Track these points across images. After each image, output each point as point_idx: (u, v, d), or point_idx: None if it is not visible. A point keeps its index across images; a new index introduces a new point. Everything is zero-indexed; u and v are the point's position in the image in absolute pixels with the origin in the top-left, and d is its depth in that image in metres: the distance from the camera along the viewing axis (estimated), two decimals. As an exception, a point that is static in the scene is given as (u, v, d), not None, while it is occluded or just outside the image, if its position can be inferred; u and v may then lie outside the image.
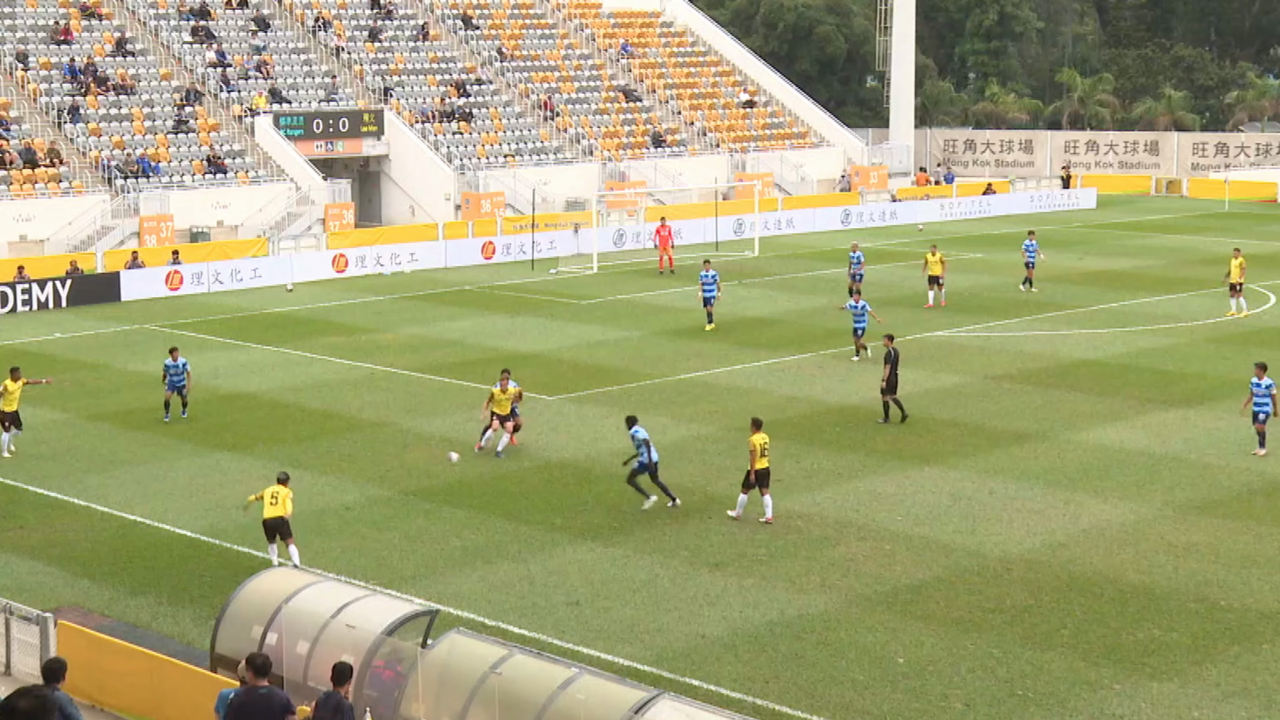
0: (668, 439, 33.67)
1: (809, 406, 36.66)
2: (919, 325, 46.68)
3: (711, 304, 46.63)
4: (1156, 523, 27.76)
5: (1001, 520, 27.98)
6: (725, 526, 27.70)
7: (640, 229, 67.69)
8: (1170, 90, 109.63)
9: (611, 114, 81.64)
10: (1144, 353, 42.60)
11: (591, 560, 26.06)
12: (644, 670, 21.34)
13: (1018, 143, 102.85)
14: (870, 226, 73.95)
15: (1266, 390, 31.74)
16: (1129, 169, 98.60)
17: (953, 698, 20.62)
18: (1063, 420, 34.96)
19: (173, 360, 35.50)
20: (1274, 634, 22.52)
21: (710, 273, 46.88)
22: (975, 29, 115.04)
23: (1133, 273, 57.78)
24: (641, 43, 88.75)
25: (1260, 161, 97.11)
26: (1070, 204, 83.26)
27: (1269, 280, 55.06)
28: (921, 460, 31.89)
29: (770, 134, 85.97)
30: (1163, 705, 20.29)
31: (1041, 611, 23.56)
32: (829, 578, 25.10)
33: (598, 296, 53.38)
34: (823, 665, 21.67)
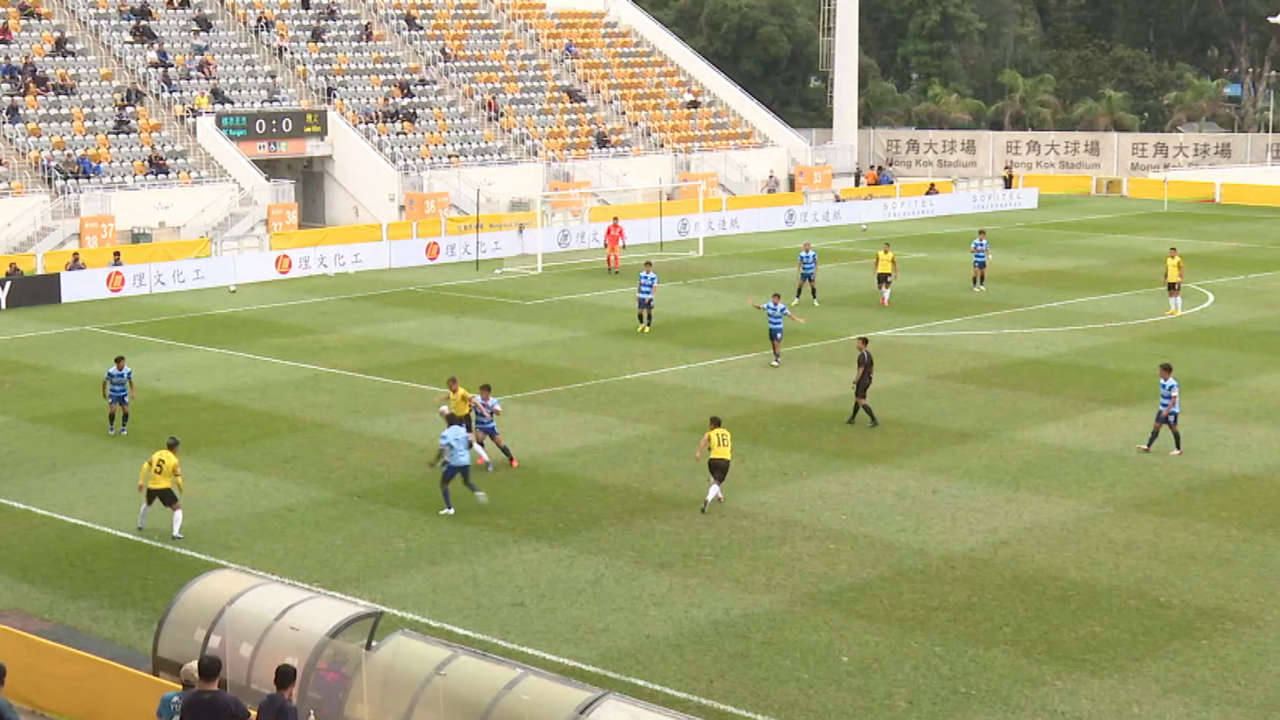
0: (613, 439, 33.74)
1: (754, 406, 36.74)
2: (863, 325, 46.85)
3: (647, 306, 46.57)
4: (1098, 520, 27.97)
5: (945, 519, 28.13)
6: (670, 526, 27.74)
7: (585, 229, 67.72)
8: (1110, 91, 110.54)
9: (556, 114, 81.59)
10: (1085, 352, 42.93)
11: (537, 561, 26.04)
12: (589, 670, 21.34)
13: (960, 143, 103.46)
14: (814, 226, 74.19)
15: (1169, 391, 32.00)
16: (1070, 169, 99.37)
17: (897, 695, 20.72)
18: (1005, 419, 35.19)
19: (118, 369, 34.36)
20: (1212, 630, 22.74)
21: (650, 274, 46.88)
22: (918, 30, 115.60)
23: (1074, 272, 58.20)
24: (586, 43, 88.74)
25: (1198, 162, 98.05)
26: (1012, 204, 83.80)
27: (1207, 279, 55.59)
28: (866, 459, 32.03)
29: (714, 134, 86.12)
30: (1103, 701, 20.46)
31: (984, 609, 23.70)
32: (774, 577, 25.17)
33: (543, 297, 53.35)
34: (768, 664, 21.73)
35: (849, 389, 35.89)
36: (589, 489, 30.13)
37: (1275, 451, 32.43)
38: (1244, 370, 40.30)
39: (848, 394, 36.43)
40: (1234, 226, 73.45)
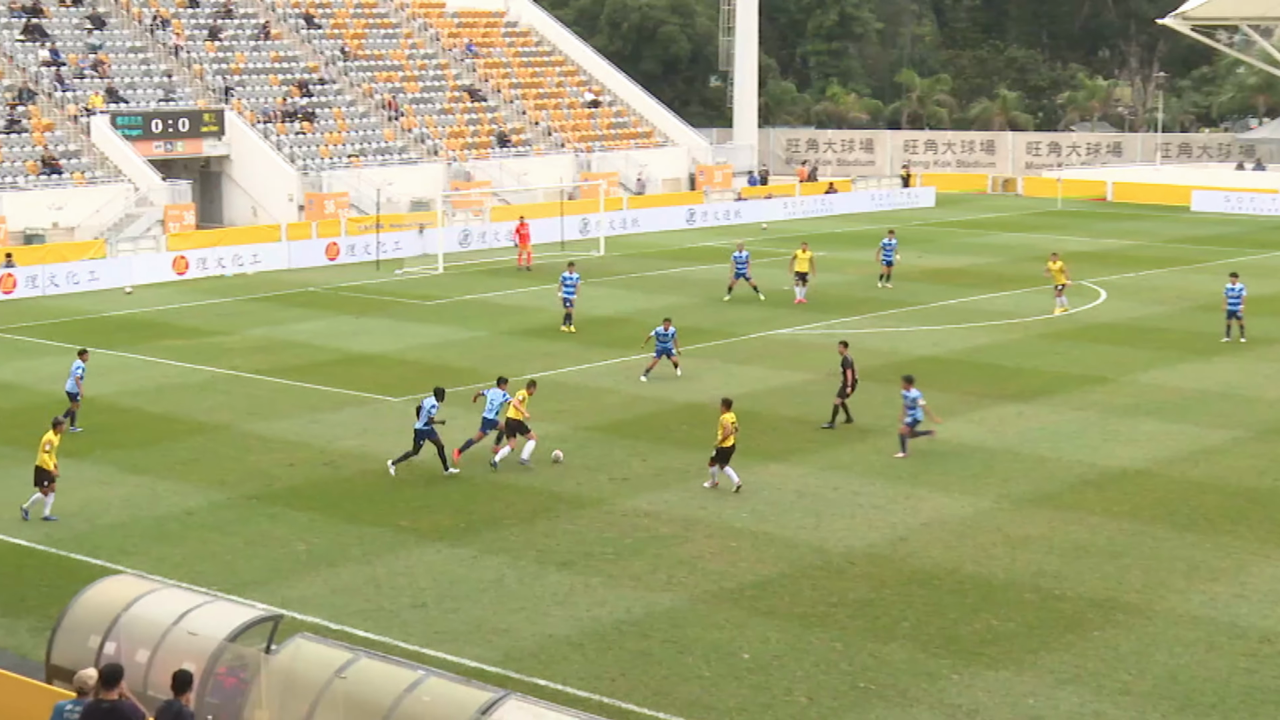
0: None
1: (657, 405, 36.87)
2: (764, 324, 47.18)
3: (570, 305, 46.57)
4: (993, 515, 28.36)
5: (844, 515, 28.40)
6: (573, 526, 27.81)
7: (486, 229, 67.61)
8: (1005, 91, 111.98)
9: (456, 114, 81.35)
10: (981, 349, 43.46)
11: (438, 561, 26.00)
12: (491, 671, 21.34)
13: (859, 142, 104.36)
14: (715, 226, 74.55)
15: (912, 402, 32.47)
16: (966, 168, 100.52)
17: (797, 691, 20.90)
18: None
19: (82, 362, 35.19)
20: (1104, 621, 23.14)
21: (574, 275, 46.85)
22: (816, 29, 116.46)
23: (971, 270, 58.89)
24: (486, 42, 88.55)
25: (1091, 160, 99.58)
26: (910, 202, 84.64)
27: (1100, 276, 56.45)
28: (767, 457, 32.24)
29: (615, 134, 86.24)
30: (999, 693, 20.76)
31: (883, 604, 23.96)
32: (676, 575, 25.30)
33: (444, 297, 53.21)
34: (669, 662, 21.84)
35: (752, 388, 36.09)
36: (491, 489, 30.11)
37: (1165, 445, 33.03)
38: (1135, 366, 40.98)
39: (751, 392, 36.68)
40: (1125, 224, 74.63)
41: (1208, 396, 37.50)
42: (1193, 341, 44.39)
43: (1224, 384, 38.85)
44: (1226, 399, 37.15)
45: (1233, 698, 20.55)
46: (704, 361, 41.39)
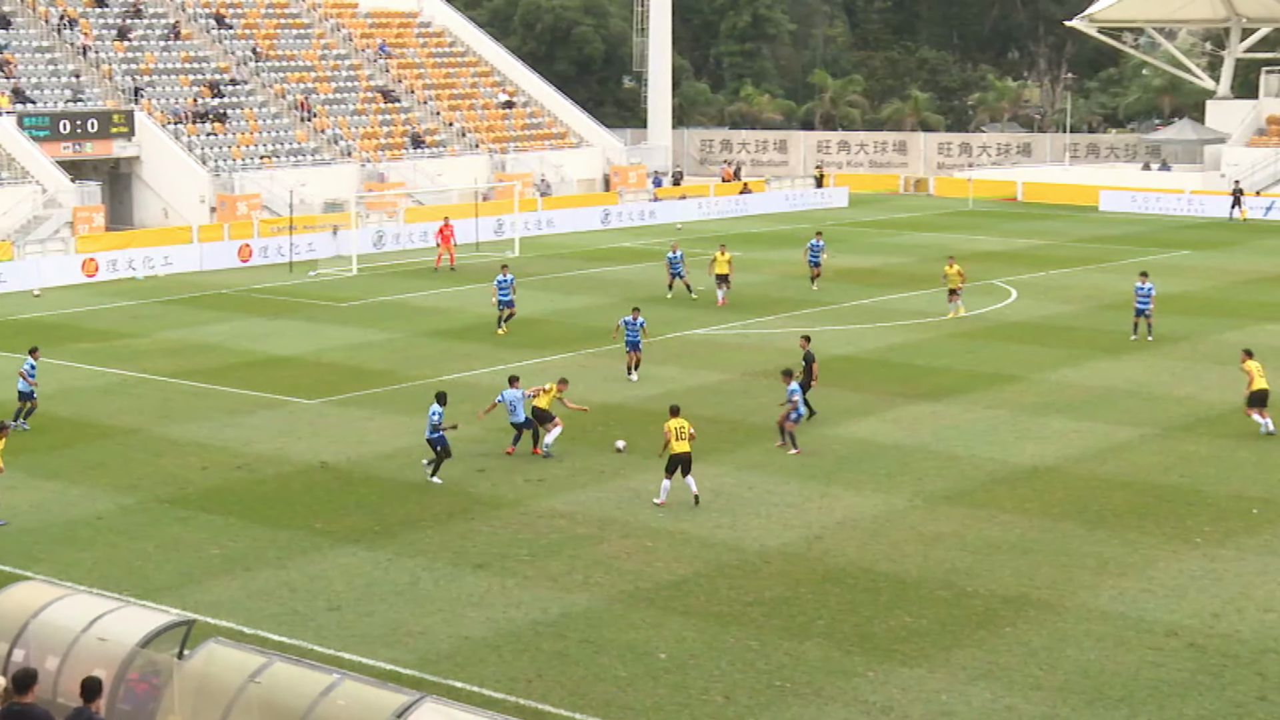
0: (429, 441, 33.61)
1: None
2: (680, 324, 47.30)
3: (506, 308, 46.38)
4: (907, 513, 28.60)
5: (760, 514, 28.53)
6: (489, 527, 27.76)
7: (400, 230, 67.34)
8: (917, 92, 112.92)
9: (370, 114, 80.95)
10: (895, 348, 43.79)
11: (353, 564, 25.89)
12: (406, 674, 21.28)
13: (772, 142, 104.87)
14: (630, 226, 74.66)
15: (790, 396, 32.85)
16: (879, 168, 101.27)
17: (713, 690, 20.99)
18: (818, 415, 35.72)
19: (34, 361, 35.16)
20: (1016, 617, 23.40)
21: (508, 276, 46.68)
22: (730, 31, 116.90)
23: (884, 269, 59.32)
24: (399, 43, 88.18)
25: (1001, 161, 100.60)
26: (823, 203, 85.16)
27: (1010, 275, 57.04)
28: (681, 457, 32.28)
29: (529, 134, 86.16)
30: (913, 689, 20.95)
31: (798, 603, 24.11)
32: (592, 575, 25.33)
33: (358, 299, 52.95)
34: (586, 663, 21.87)
35: (668, 388, 36.17)
36: (407, 491, 30.02)
37: (1074, 443, 33.44)
38: (1045, 364, 41.45)
39: (666, 392, 36.75)
40: (1035, 224, 75.44)
41: (1116, 394, 37.99)
42: (1101, 340, 44.96)
43: (1132, 382, 39.37)
44: (1134, 396, 37.65)
45: (1141, 690, 20.86)
46: (620, 362, 41.42)
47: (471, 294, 53.83)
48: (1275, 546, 26.57)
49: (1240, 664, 21.69)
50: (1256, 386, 34.25)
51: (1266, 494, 29.60)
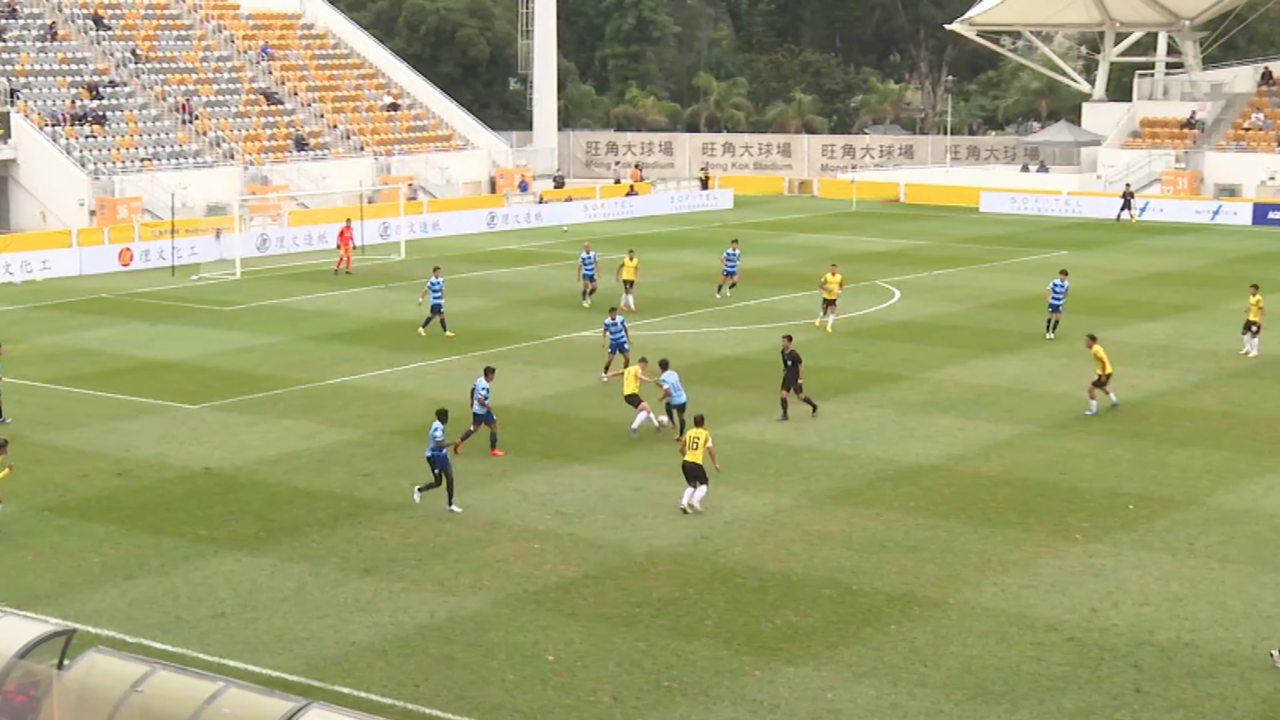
0: (316, 445, 33.41)
1: (461, 409, 36.64)
2: (567, 326, 47.31)
3: (436, 312, 45.97)
4: (794, 513, 28.81)
5: (648, 515, 28.61)
6: (375, 531, 27.60)
7: (284, 233, 66.75)
8: (800, 94, 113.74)
9: (253, 117, 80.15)
10: (778, 349, 43.93)
11: (238, 570, 25.64)
12: (293, 680, 21.12)
13: (658, 144, 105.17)
14: (516, 229, 74.55)
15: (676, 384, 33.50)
16: (764, 170, 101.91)
17: (602, 692, 21.02)
18: (706, 415, 35.62)
19: None
20: (901, 615, 23.66)
21: (439, 279, 46.26)
22: (615, 33, 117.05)
23: (770, 271, 59.68)
24: (282, 44, 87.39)
25: (883, 162, 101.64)
26: (709, 204, 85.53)
27: (894, 276, 57.64)
28: (570, 459, 32.35)
29: (415, 137, 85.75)
30: (799, 688, 21.12)
31: (686, 603, 24.20)
32: (480, 579, 25.27)
33: (242, 302, 52.41)
34: (474, 666, 21.82)
35: (555, 390, 36.14)
36: (292, 496, 29.78)
37: (958, 441, 33.86)
38: (929, 363, 41.93)
39: (554, 394, 36.77)
40: (917, 225, 76.28)
41: (999, 392, 38.52)
42: (984, 338, 45.55)
43: (1014, 380, 39.94)
44: (1016, 394, 38.19)
45: (1022, 685, 21.18)
46: (508, 363, 41.30)
47: (358, 297, 53.52)
48: (1150, 542, 27.09)
49: (1117, 656, 22.09)
50: (1109, 370, 35.72)
51: (1141, 490, 30.17)
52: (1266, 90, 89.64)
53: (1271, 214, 77.28)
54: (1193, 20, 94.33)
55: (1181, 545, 26.86)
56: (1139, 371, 40.72)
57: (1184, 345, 44.49)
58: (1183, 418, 35.87)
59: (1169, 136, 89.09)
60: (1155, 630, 23.03)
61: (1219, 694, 20.87)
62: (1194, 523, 28.13)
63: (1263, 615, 23.61)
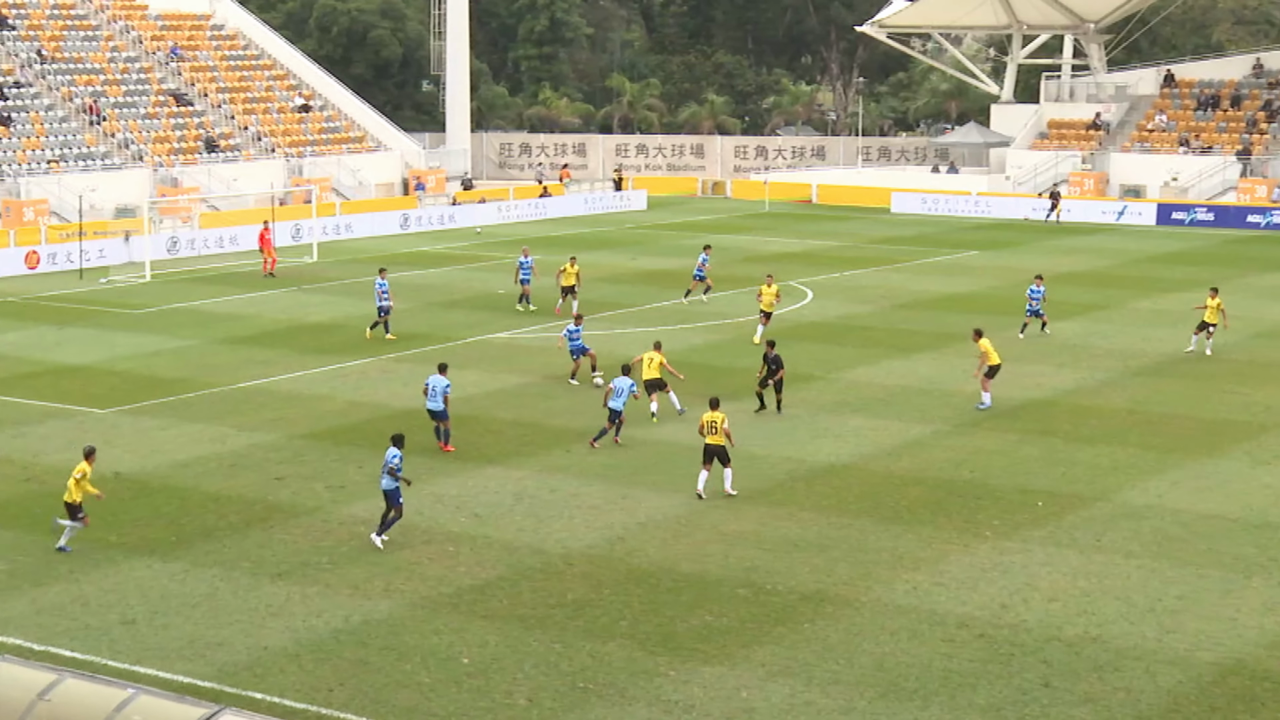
0: (228, 449, 33.18)
1: (373, 411, 36.61)
2: (480, 327, 47.24)
3: (387, 313, 45.60)
4: (708, 513, 28.92)
5: (563, 517, 28.64)
6: (288, 535, 27.44)
7: (195, 236, 66.15)
8: (713, 95, 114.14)
9: (162, 118, 79.39)
10: (696, 349, 44.21)
11: (149, 576, 25.41)
12: (205, 686, 20.97)
13: (571, 146, 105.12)
14: (429, 230, 74.30)
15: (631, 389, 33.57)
16: (677, 171, 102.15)
17: (517, 694, 21.03)
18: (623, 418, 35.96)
19: None
20: (814, 613, 23.83)
21: (383, 281, 45.78)
22: (527, 34, 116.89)
23: (683, 272, 59.67)
24: (191, 45, 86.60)
25: (796, 163, 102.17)
26: (622, 205, 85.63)
27: (806, 277, 57.96)
28: (485, 460, 32.32)
29: (327, 138, 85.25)
30: (714, 687, 21.22)
31: (602, 604, 24.25)
32: (394, 582, 25.19)
33: (152, 305, 51.90)
34: (388, 670, 21.76)
35: (468, 392, 36.02)
36: (203, 500, 29.55)
37: (870, 440, 34.14)
38: (841, 364, 42.23)
39: (468, 396, 36.72)
40: (829, 225, 76.75)
41: (910, 392, 38.86)
42: (895, 339, 45.92)
43: (925, 379, 40.30)
44: (927, 394, 38.54)
45: (933, 681, 21.40)
46: (420, 366, 41.20)
47: (270, 300, 53.15)
48: (1059, 538, 27.45)
49: (1026, 652, 22.37)
50: (994, 362, 36.67)
51: (1051, 487, 30.55)
52: (1169, 92, 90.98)
53: (1175, 214, 78.45)
54: (1097, 23, 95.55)
55: (1089, 541, 27.24)
56: (1047, 370, 41.22)
57: (1092, 344, 45.08)
58: (1091, 416, 36.36)
59: (1075, 138, 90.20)
60: (1064, 626, 23.35)
61: (1125, 687, 21.19)
62: (1101, 519, 28.53)
63: (1167, 609, 23.99)
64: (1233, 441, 34.02)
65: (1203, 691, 21.09)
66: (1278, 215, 76.75)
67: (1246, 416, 36.38)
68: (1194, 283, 54.65)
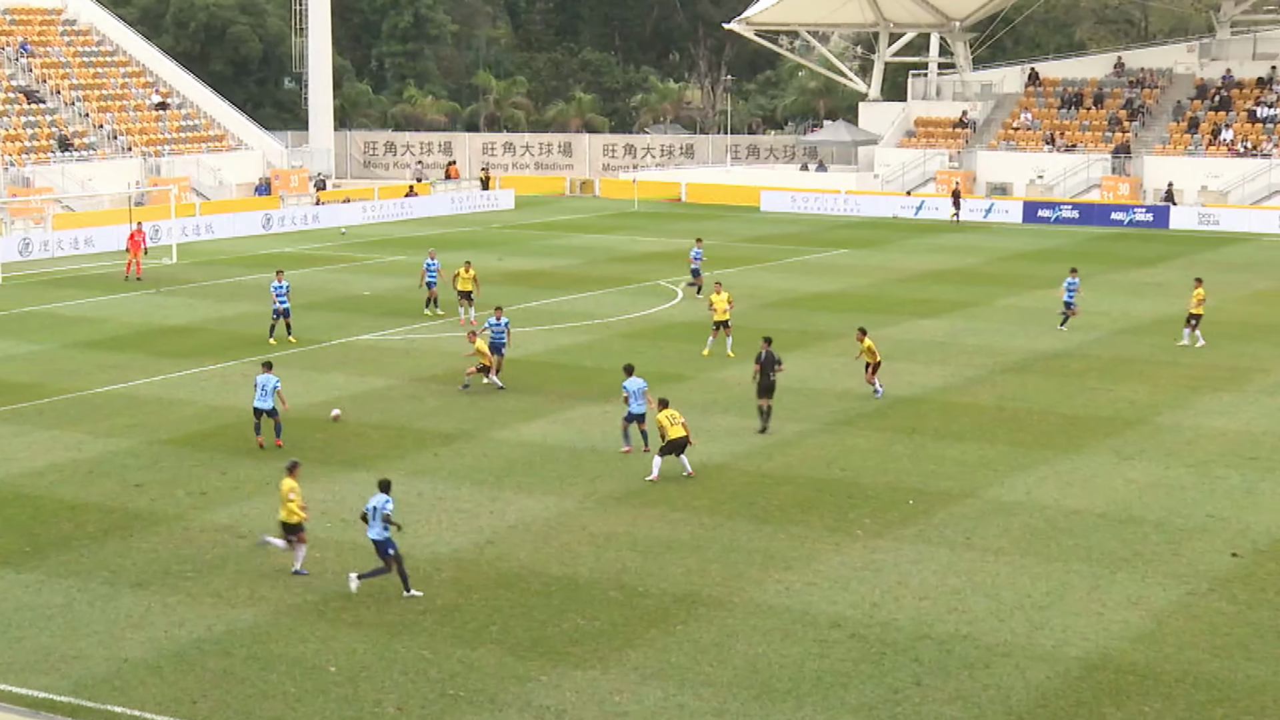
0: (84, 455, 32.32)
1: (235, 415, 35.84)
2: (344, 329, 46.58)
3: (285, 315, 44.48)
4: (579, 515, 28.64)
5: (430, 521, 28.20)
6: (148, 544, 26.71)
7: (48, 237, 64.58)
8: (580, 93, 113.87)
9: (12, 116, 77.49)
10: (564, 349, 43.92)
11: (2, 587, 24.59)
12: (62, 701, 20.31)
13: (437, 144, 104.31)
14: (292, 231, 73.27)
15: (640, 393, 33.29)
16: (545, 170, 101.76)
17: (386, 702, 20.60)
18: (487, 419, 35.60)
19: None
20: (686, 615, 23.62)
21: (283, 283, 44.59)
22: (391, 31, 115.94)
23: (550, 272, 59.53)
24: (42, 41, 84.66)
25: (665, 162, 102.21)
26: (490, 205, 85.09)
27: (675, 276, 57.87)
28: (350, 465, 31.78)
29: (186, 137, 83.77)
30: (586, 692, 20.94)
31: (471, 609, 23.87)
32: (258, 590, 24.62)
33: (3, 309, 50.56)
34: (253, 680, 21.22)
35: (334, 394, 35.42)
36: (58, 509, 28.70)
37: (741, 440, 34.04)
38: (710, 364, 42.10)
39: (333, 399, 36.10)
40: (699, 225, 76.71)
41: (779, 391, 38.65)
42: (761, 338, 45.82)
43: (795, 379, 40.24)
44: (796, 393, 38.50)
45: (806, 682, 21.28)
46: (284, 369, 40.41)
47: (125, 303, 52.03)
48: (929, 536, 27.50)
49: (898, 651, 22.34)
50: (877, 360, 37.57)
51: (921, 485, 30.64)
52: (1034, 91, 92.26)
53: (1041, 212, 79.54)
54: (963, 21, 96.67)
55: (959, 539, 27.33)
56: (915, 368, 41.45)
57: (960, 341, 45.42)
58: (959, 413, 36.58)
59: (942, 136, 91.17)
60: (934, 624, 23.36)
61: (995, 684, 21.23)
62: (970, 516, 28.65)
63: (1035, 605, 24.10)
64: (1098, 437, 34.38)
65: (1070, 686, 21.19)
66: (1140, 213, 78.08)
67: (1111, 412, 36.82)
68: (1060, 280, 55.30)
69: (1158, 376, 40.67)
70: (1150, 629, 23.20)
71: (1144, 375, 40.86)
